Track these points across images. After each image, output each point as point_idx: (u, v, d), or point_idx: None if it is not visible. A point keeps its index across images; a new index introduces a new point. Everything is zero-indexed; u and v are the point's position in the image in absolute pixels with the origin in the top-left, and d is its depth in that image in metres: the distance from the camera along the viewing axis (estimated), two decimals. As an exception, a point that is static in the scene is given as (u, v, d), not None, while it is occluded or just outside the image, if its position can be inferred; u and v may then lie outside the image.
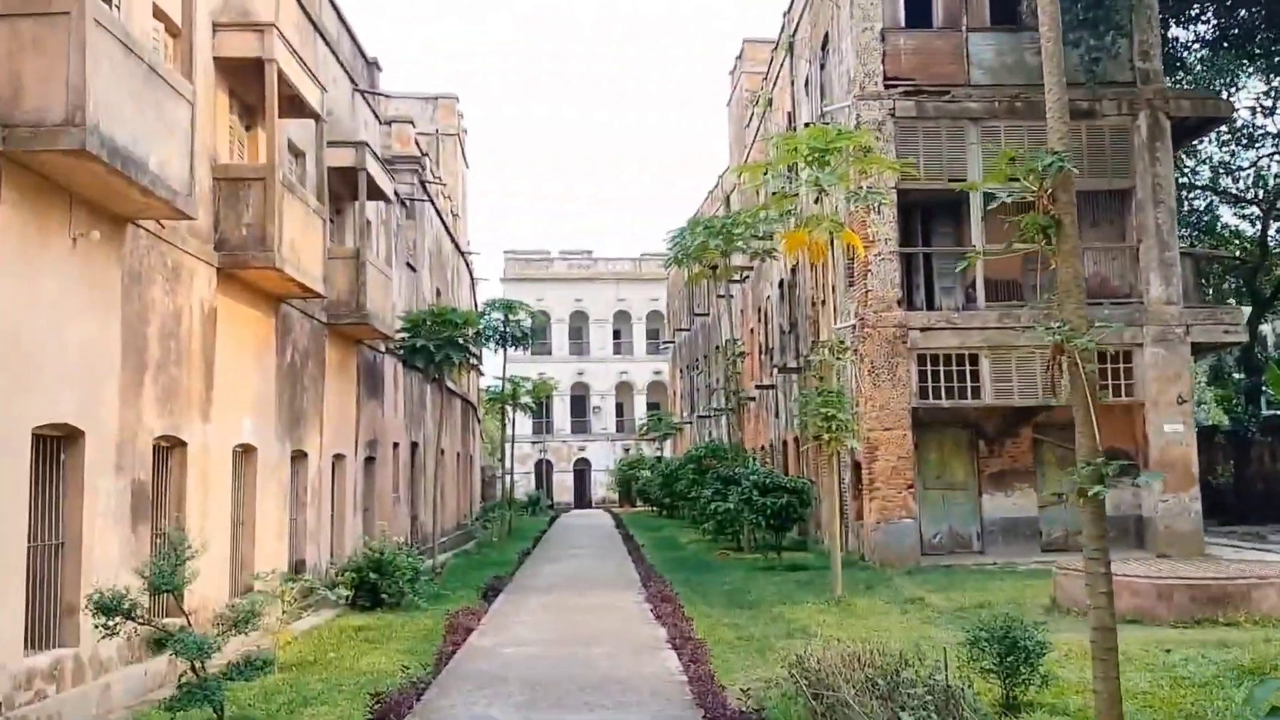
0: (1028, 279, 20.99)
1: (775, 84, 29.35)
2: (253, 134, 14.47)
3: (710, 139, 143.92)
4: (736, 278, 27.30)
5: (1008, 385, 19.38)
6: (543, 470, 66.10)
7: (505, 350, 33.13)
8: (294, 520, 16.12)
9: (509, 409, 39.38)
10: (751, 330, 34.33)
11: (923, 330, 19.35)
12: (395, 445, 23.22)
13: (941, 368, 19.36)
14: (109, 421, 10.00)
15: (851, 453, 20.47)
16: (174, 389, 11.50)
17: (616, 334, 69.32)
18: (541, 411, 62.85)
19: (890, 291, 19.30)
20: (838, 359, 15.60)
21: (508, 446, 40.94)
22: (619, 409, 68.84)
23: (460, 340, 20.58)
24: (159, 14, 11.49)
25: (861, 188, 16.71)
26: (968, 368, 19.37)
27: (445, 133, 35.95)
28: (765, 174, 15.79)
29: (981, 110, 19.81)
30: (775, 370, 27.61)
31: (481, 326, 31.43)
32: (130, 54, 9.27)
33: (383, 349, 21.37)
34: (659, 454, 59.16)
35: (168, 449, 11.63)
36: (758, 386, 30.97)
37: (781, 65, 27.75)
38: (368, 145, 17.89)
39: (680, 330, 53.43)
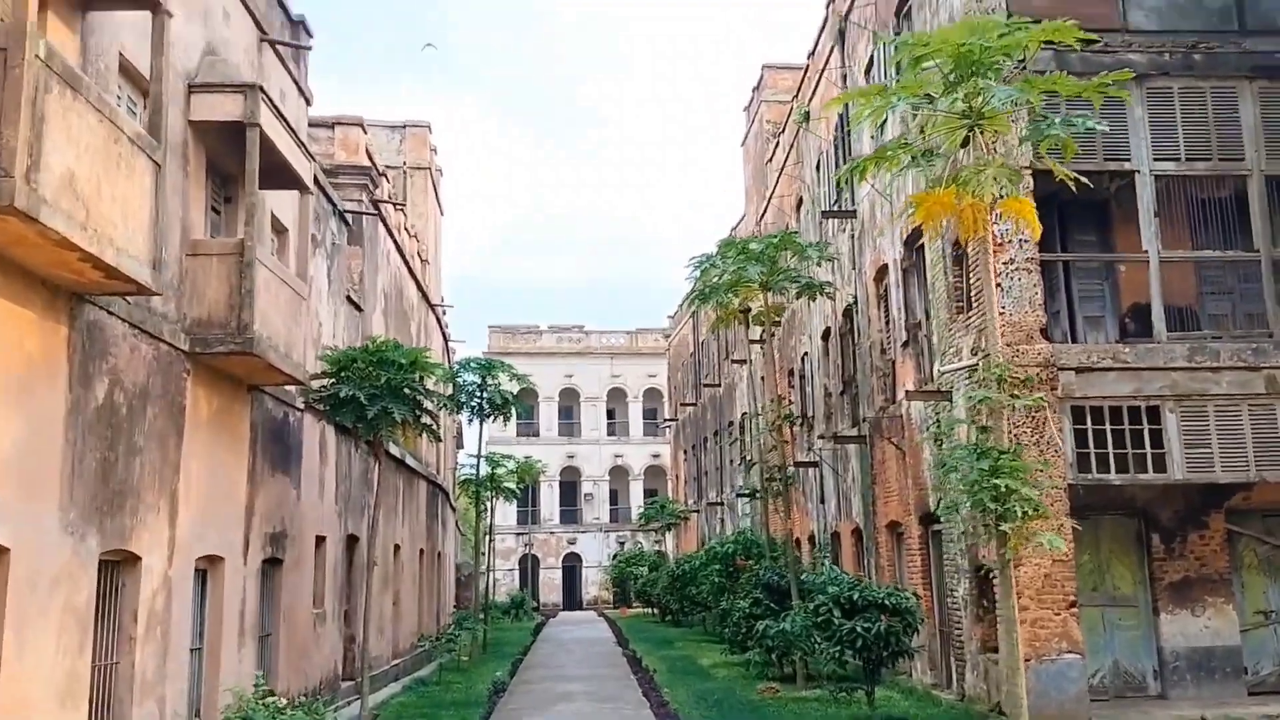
0: (1207, 304, 15.08)
1: (814, 93, 23.80)
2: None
3: (710, 209, 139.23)
4: (774, 322, 21.24)
5: (1205, 453, 13.23)
6: (528, 566, 59.08)
7: (482, 420, 26.87)
8: (107, 668, 9.76)
9: (486, 494, 32.86)
10: (773, 401, 28.17)
11: (1079, 371, 13.28)
12: (320, 540, 16.84)
13: (1108, 426, 13.23)
14: None
15: (969, 554, 14.21)
16: None
17: (610, 414, 63.01)
18: (527, 499, 56.30)
19: (1030, 315, 13.27)
20: (1013, 398, 9.45)
21: (486, 539, 34.37)
22: (613, 496, 62.16)
23: (406, 390, 14.40)
24: None
25: (1049, 116, 10.66)
26: (1145, 426, 13.25)
27: (415, 165, 30.26)
28: (878, 102, 9.70)
29: (1146, 65, 14.08)
30: (831, 439, 21.40)
31: (451, 390, 25.33)
32: None
33: (300, 404, 15.18)
34: (659, 547, 52.50)
35: None
36: (796, 464, 24.70)
37: (825, 63, 22.20)
38: (262, 91, 11.95)
39: (685, 405, 47.23)
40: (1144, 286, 14.32)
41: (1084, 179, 10.09)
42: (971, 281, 13.93)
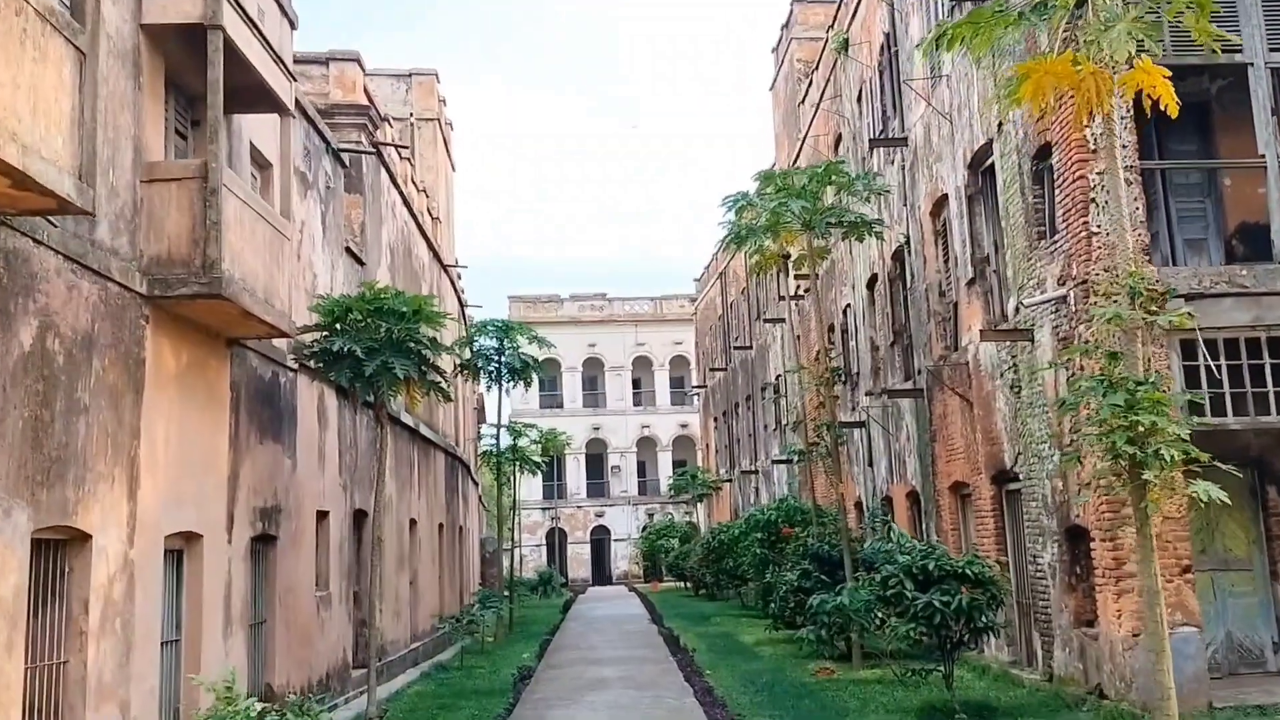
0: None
1: (853, 17, 21.79)
2: None
3: (723, 182, 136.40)
4: (816, 270, 19.31)
5: (1337, 390, 11.31)
6: (555, 541, 57.62)
7: (501, 386, 25.20)
8: (51, 668, 8.15)
9: (509, 467, 31.24)
10: (818, 354, 26.33)
11: (1188, 299, 11.35)
12: (323, 516, 15.22)
13: (1224, 362, 11.33)
14: None
15: (1058, 514, 12.38)
16: None
17: (636, 383, 61.23)
18: (553, 473, 54.77)
19: (1132, 235, 11.32)
20: (1150, 315, 7.61)
21: (512, 514, 32.78)
22: (641, 468, 60.51)
23: (410, 344, 12.68)
24: None
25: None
26: (1267, 361, 11.34)
27: (423, 116, 28.43)
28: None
29: (1258, -62, 12.07)
30: (881, 395, 19.54)
31: (467, 355, 23.68)
32: None
33: (291, 363, 13.49)
34: (690, 518, 50.90)
35: None
36: (841, 424, 22.84)
37: (869, -21, 20.16)
38: (227, -14, 10.19)
39: (714, 370, 45.42)
40: (1254, 202, 12.38)
41: (1222, 42, 8.11)
42: (1059, 198, 11.99)
